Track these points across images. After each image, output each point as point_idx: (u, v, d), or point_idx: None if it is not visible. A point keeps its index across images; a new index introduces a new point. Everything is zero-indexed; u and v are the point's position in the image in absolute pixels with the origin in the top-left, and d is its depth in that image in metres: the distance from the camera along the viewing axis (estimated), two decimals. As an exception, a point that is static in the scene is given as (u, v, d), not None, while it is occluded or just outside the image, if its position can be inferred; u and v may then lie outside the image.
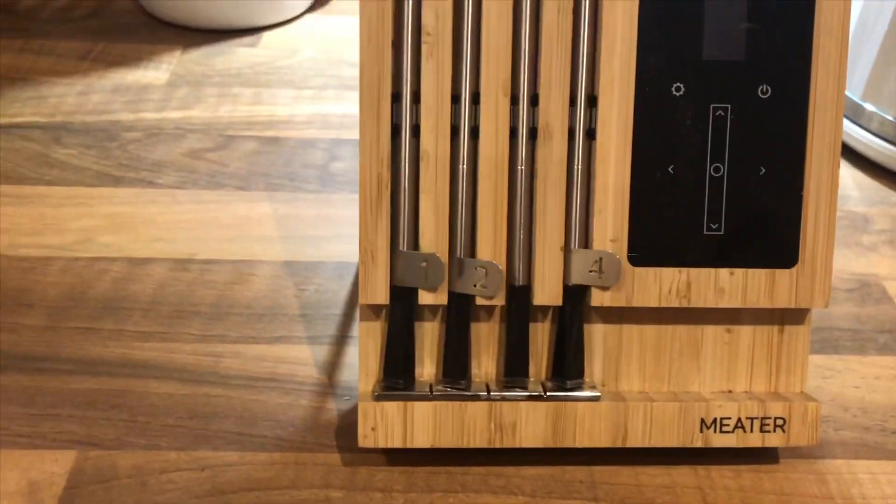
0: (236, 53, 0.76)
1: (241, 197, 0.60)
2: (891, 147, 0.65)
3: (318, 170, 0.63)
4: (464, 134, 0.40)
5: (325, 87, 0.73)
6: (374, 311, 0.41)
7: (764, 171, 0.41)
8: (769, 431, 0.42)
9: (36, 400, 0.45)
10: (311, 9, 0.83)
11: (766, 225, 0.41)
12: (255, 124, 0.68)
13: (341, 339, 0.50)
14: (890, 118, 0.64)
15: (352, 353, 0.49)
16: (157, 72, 0.73)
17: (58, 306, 0.51)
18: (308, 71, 0.75)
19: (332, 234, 0.58)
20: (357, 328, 0.50)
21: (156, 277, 0.53)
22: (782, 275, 0.41)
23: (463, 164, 0.40)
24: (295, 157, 0.64)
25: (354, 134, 0.67)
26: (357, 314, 0.51)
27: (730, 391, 0.43)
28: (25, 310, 0.50)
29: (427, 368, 0.42)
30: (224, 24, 0.78)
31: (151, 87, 0.71)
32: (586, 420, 0.41)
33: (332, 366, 0.48)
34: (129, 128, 0.66)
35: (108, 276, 0.53)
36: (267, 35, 0.79)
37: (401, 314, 0.41)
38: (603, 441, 0.41)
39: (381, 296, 0.40)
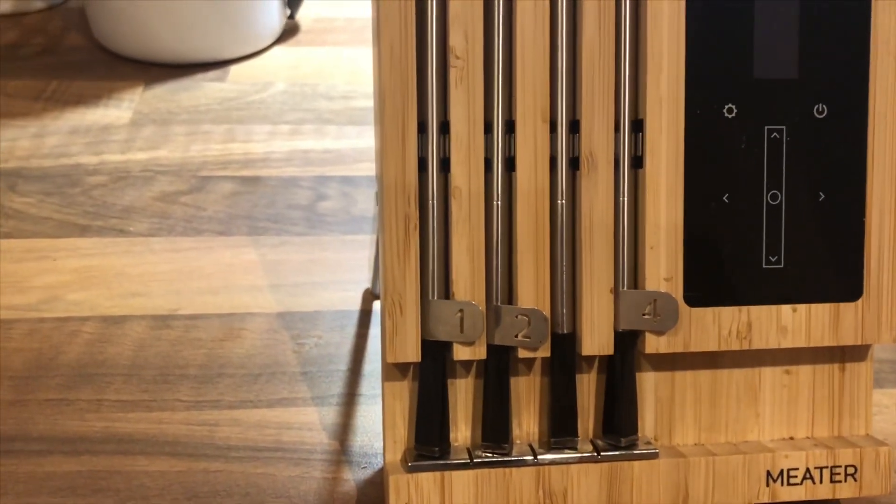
0: (203, 88, 0.71)
1: (222, 243, 0.55)
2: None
3: (304, 210, 0.58)
4: (498, 166, 0.36)
5: (301, 121, 0.68)
6: (400, 369, 0.37)
7: (823, 197, 0.37)
8: (840, 481, 0.38)
9: (6, 488, 0.39)
10: (279, 40, 0.79)
11: (827, 256, 0.37)
12: (231, 163, 0.63)
13: (350, 399, 0.45)
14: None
15: (364, 414, 0.44)
16: (118, 110, 0.68)
17: (25, 376, 0.45)
18: (282, 105, 0.70)
19: (326, 279, 0.53)
20: (366, 385, 0.46)
21: (135, 337, 0.48)
22: (847, 309, 0.38)
23: (498, 200, 0.36)
24: (277, 197, 0.59)
25: (338, 171, 0.63)
26: (367, 368, 0.47)
27: (791, 438, 0.39)
28: (-13, 382, 0.44)
29: (462, 432, 0.37)
30: (188, 58, 0.73)
31: (113, 126, 0.66)
32: (644, 481, 0.37)
33: (344, 429, 0.43)
34: (93, 171, 0.61)
35: (80, 338, 0.47)
36: (235, 68, 0.74)
37: (433, 372, 0.36)
38: (662, 503, 0.37)
39: (411, 352, 0.35)
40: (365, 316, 0.50)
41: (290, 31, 0.80)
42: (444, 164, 0.35)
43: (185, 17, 0.72)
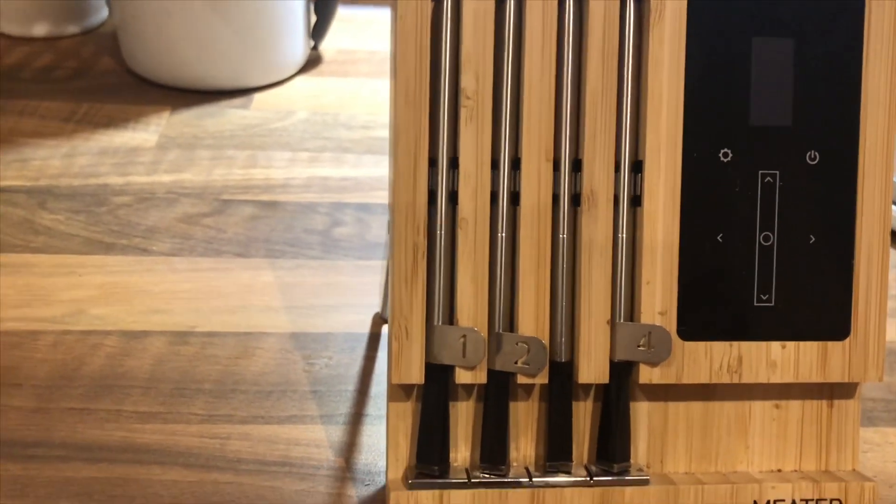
0: (228, 115, 0.74)
1: (241, 264, 0.57)
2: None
3: (320, 235, 0.60)
4: (503, 200, 0.38)
5: (322, 149, 0.70)
6: (405, 390, 0.39)
7: (814, 239, 0.39)
8: (825, 514, 0.39)
9: (27, 491, 0.41)
10: (302, 70, 0.81)
11: (817, 295, 0.39)
12: (252, 188, 0.65)
13: (357, 418, 0.47)
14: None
15: (370, 433, 0.46)
16: (145, 133, 0.71)
17: (48, 385, 0.47)
18: (303, 133, 0.72)
19: (339, 302, 0.55)
20: (372, 406, 0.47)
21: (154, 352, 0.50)
22: (835, 347, 0.39)
23: (502, 232, 0.38)
24: (295, 222, 0.62)
25: (355, 198, 0.65)
26: (374, 389, 0.48)
27: (779, 470, 0.41)
28: (13, 390, 0.46)
29: (462, 453, 0.39)
30: (214, 85, 0.76)
31: (140, 149, 0.69)
32: (634, 506, 0.38)
33: (350, 447, 0.45)
34: (119, 192, 0.63)
35: (102, 351, 0.50)
36: (258, 96, 0.77)
37: (435, 394, 0.38)
38: (652, 529, 0.38)
39: (415, 375, 0.37)
40: (374, 339, 0.52)
41: (313, 61, 0.83)
42: (453, 197, 0.37)
43: (212, 45, 0.75)
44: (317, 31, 0.81)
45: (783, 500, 0.39)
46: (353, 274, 0.57)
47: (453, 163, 0.37)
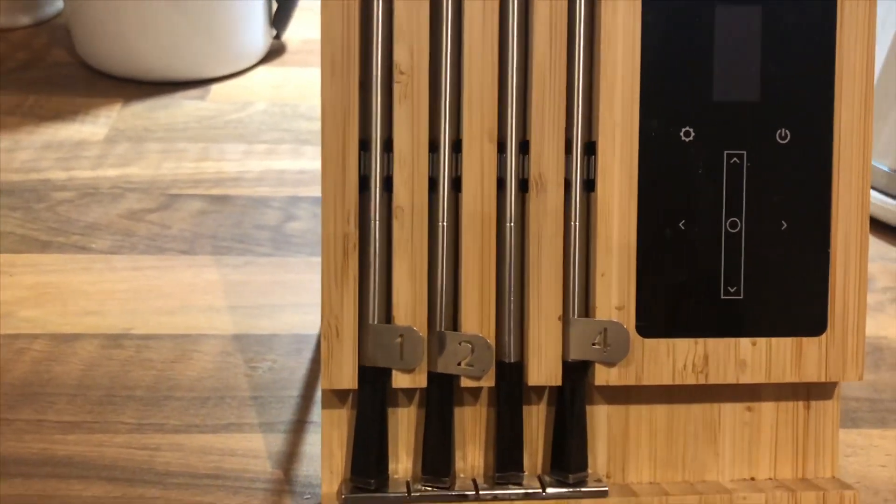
0: (182, 107, 0.70)
1: (184, 262, 0.54)
2: (887, 200, 0.61)
3: (271, 231, 0.57)
4: (443, 186, 0.34)
5: (279, 141, 0.67)
6: (339, 396, 0.35)
7: (786, 225, 0.36)
8: (801, 527, 0.36)
9: (-69, 510, 0.37)
10: (263, 60, 0.78)
11: (790, 287, 0.36)
12: (202, 182, 0.62)
13: (300, 426, 0.43)
14: (884, 169, 0.61)
15: (312, 442, 0.42)
16: (94, 126, 0.67)
17: (-35, 394, 0.43)
18: (260, 125, 0.69)
19: (288, 302, 0.51)
20: (317, 412, 0.44)
21: (84, 356, 0.46)
22: (810, 344, 0.36)
23: (443, 221, 0.34)
24: (245, 217, 0.58)
25: (312, 191, 0.62)
26: (319, 395, 0.45)
27: (752, 479, 0.37)
28: (-74, 399, 0.43)
29: (403, 464, 0.36)
30: (169, 77, 0.72)
31: (87, 142, 0.65)
32: (592, 520, 0.35)
33: (290, 458, 0.41)
34: (61, 187, 0.60)
35: (27, 356, 0.46)
36: (216, 88, 0.74)
37: (371, 400, 0.34)
38: (611, 544, 0.35)
39: (347, 379, 0.34)
40: (324, 340, 0.49)
41: (275, 51, 0.79)
42: (387, 183, 0.34)
43: (167, 35, 0.71)
44: (279, 20, 0.78)
45: (755, 512, 0.36)
46: (304, 271, 0.54)
47: (387, 145, 0.34)
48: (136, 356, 0.47)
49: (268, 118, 0.70)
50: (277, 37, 0.79)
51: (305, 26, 0.83)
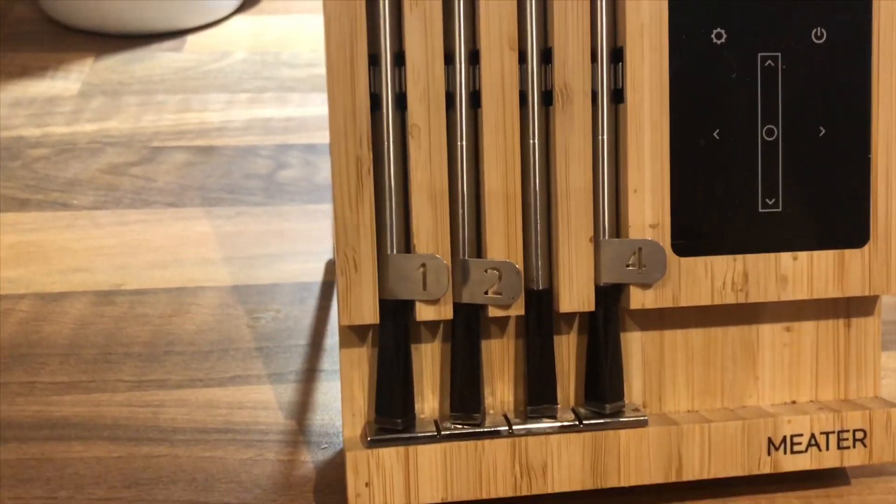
0: (158, 59, 0.67)
1: (172, 215, 0.51)
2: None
3: (262, 180, 0.54)
4: (461, 101, 0.32)
5: (262, 89, 0.64)
6: (358, 333, 0.33)
7: (824, 131, 0.33)
8: (848, 447, 0.34)
9: (-79, 480, 0.35)
10: (239, 9, 0.74)
11: (830, 197, 0.34)
12: (185, 133, 0.59)
13: (310, 375, 0.41)
14: None
15: (325, 391, 0.40)
16: (65, 82, 0.64)
17: (-51, 358, 0.41)
18: (242, 74, 0.66)
19: (286, 251, 0.49)
20: (328, 360, 0.42)
21: (74, 315, 0.43)
22: (853, 256, 0.34)
23: (462, 140, 0.32)
24: (234, 167, 0.55)
25: (302, 139, 0.59)
26: (329, 342, 0.43)
27: (794, 402, 0.36)
28: None
29: (429, 402, 0.33)
30: (142, 28, 0.69)
31: (60, 98, 0.62)
32: (632, 452, 0.33)
33: (302, 407, 0.39)
34: (35, 144, 0.57)
35: (13, 317, 0.43)
36: (192, 38, 0.70)
37: (393, 335, 0.32)
38: (653, 476, 0.33)
39: (367, 314, 0.32)
40: (328, 288, 0.46)
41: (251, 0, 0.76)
42: (401, 101, 0.31)
43: (137, -16, 0.68)
44: (253, -34, 0.74)
45: (801, 435, 0.34)
46: (300, 220, 0.51)
47: (399, 59, 0.31)
48: (129, 312, 0.44)
49: (248, 67, 0.67)
50: (253, -15, 0.76)
51: (282, -27, 0.80)
